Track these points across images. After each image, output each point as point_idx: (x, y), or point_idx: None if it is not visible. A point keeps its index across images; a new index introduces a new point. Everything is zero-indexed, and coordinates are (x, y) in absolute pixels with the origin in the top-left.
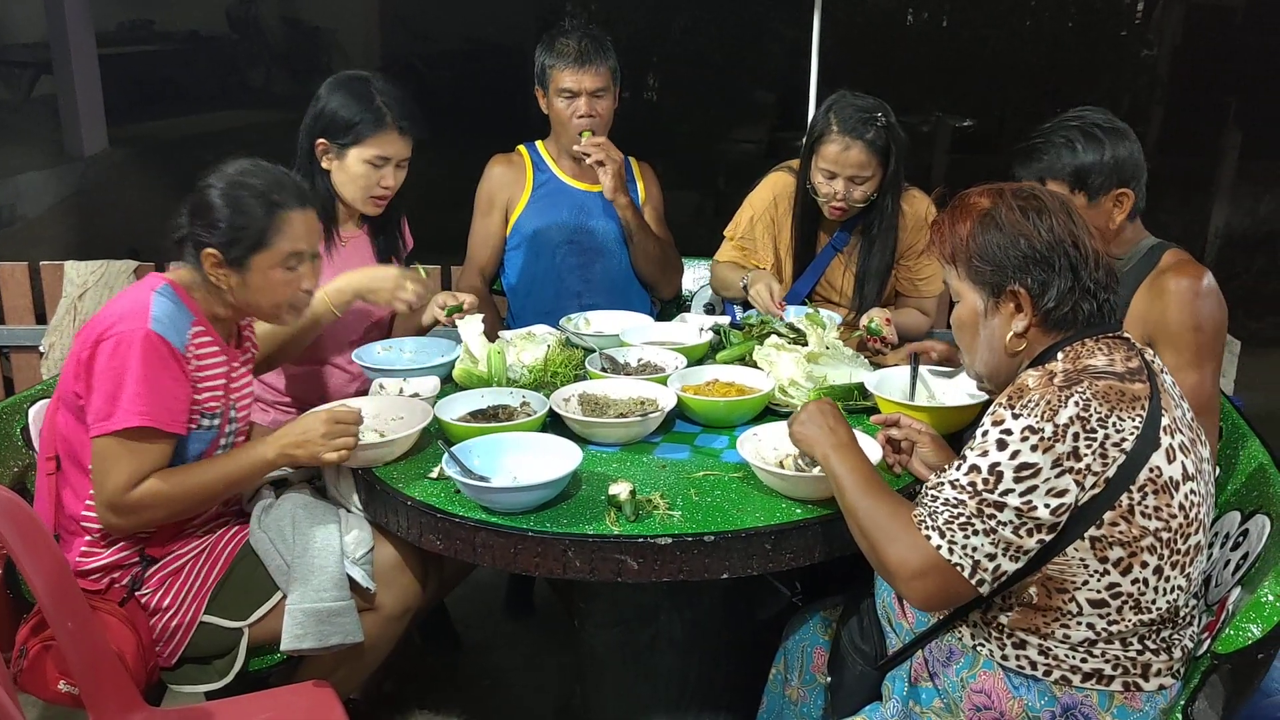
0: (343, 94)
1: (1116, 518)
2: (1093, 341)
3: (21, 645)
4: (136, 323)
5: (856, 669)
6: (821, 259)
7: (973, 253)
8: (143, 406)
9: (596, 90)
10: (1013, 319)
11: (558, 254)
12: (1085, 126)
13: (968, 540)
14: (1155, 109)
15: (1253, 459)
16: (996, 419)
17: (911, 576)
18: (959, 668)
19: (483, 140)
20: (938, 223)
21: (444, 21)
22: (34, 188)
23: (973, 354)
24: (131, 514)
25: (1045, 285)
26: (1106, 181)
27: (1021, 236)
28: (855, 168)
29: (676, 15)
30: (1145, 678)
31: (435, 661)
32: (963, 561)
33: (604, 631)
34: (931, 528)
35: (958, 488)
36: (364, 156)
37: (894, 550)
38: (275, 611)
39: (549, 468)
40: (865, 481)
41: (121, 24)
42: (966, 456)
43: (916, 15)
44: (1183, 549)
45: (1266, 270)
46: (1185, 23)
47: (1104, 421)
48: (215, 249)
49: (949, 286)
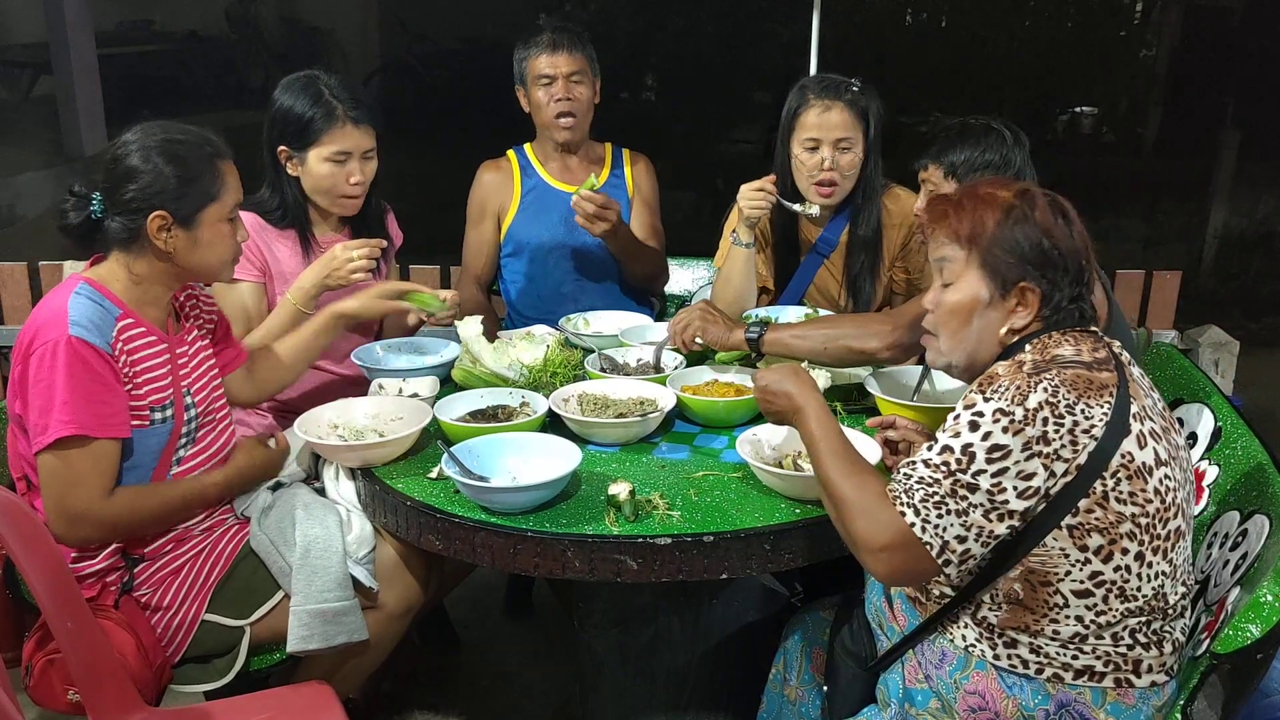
0: (291, 95)
1: (1092, 504)
2: (1060, 334)
3: (28, 661)
4: (56, 331)
5: (849, 672)
6: (808, 266)
7: (996, 241)
8: (69, 415)
9: (572, 74)
10: (1013, 314)
11: (550, 260)
12: (971, 124)
13: (940, 520)
14: (1154, 110)
15: (1252, 459)
16: (968, 403)
17: (879, 549)
18: (952, 669)
19: (482, 140)
20: (956, 203)
21: (442, 21)
22: (34, 188)
23: (955, 341)
24: (78, 526)
25: (1055, 289)
26: (976, 175)
27: (1050, 236)
28: (839, 129)
29: (675, 15)
30: (1137, 674)
31: (435, 661)
32: (932, 540)
33: (604, 632)
34: (907, 504)
35: (931, 466)
36: (324, 155)
37: (862, 523)
38: (277, 610)
39: (549, 468)
40: (839, 448)
41: (121, 24)
42: (939, 438)
43: (916, 15)
44: (1162, 534)
45: (1265, 270)
46: (1184, 23)
47: (1072, 408)
48: (163, 210)
49: (941, 268)
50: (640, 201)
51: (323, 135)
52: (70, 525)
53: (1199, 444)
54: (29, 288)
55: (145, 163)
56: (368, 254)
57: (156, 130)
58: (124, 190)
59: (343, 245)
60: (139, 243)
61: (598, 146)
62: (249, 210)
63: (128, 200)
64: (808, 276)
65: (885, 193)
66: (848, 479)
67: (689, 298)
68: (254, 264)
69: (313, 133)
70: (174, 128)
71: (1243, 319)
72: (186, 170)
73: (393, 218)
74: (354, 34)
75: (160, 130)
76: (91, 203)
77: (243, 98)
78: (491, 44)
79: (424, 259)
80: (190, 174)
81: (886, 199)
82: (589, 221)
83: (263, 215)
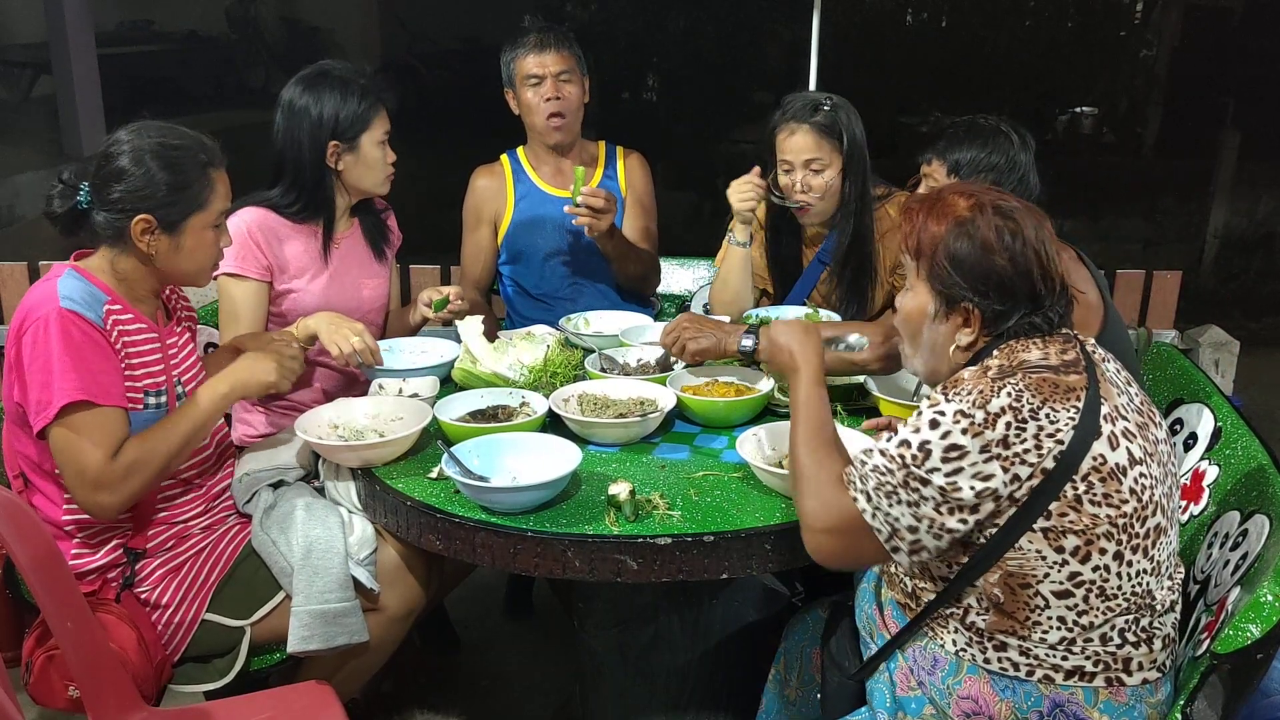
0: (329, 93)
1: (1064, 508)
2: (1027, 339)
3: (28, 658)
4: (47, 307)
5: (834, 681)
6: (810, 273)
7: (939, 256)
8: (71, 382)
9: (561, 73)
10: (959, 331)
11: (546, 266)
12: (981, 124)
13: (890, 509)
14: (1154, 109)
15: (1252, 459)
16: (933, 402)
17: (822, 530)
18: (944, 675)
19: (482, 140)
20: (911, 210)
21: (442, 21)
22: (34, 188)
23: (915, 349)
24: (114, 488)
25: (1000, 313)
26: (980, 177)
27: (990, 258)
28: (805, 151)
29: (675, 15)
30: (1128, 671)
31: (435, 661)
32: (881, 527)
33: (603, 632)
34: (860, 491)
35: (887, 456)
36: (375, 139)
37: (812, 503)
38: (278, 611)
39: (549, 468)
40: (815, 420)
41: (121, 24)
42: (899, 430)
43: (916, 15)
44: (1140, 532)
45: (1265, 270)
46: (1184, 23)
47: (1035, 413)
48: (148, 214)
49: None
50: (634, 200)
51: (373, 121)
52: (94, 492)
53: (1199, 444)
54: (29, 287)
55: (137, 165)
56: (366, 352)
57: (153, 132)
58: (111, 189)
59: (350, 326)
60: (123, 241)
61: (590, 145)
62: (259, 207)
63: (115, 199)
64: (810, 283)
65: (889, 200)
66: (812, 454)
67: (689, 297)
68: (259, 263)
69: (364, 122)
70: (171, 131)
71: (1243, 319)
72: (178, 177)
73: (392, 216)
74: (354, 34)
75: (157, 132)
76: (79, 192)
77: (243, 98)
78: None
79: (424, 259)
80: (181, 182)
81: (889, 206)
82: (594, 218)
83: (277, 211)
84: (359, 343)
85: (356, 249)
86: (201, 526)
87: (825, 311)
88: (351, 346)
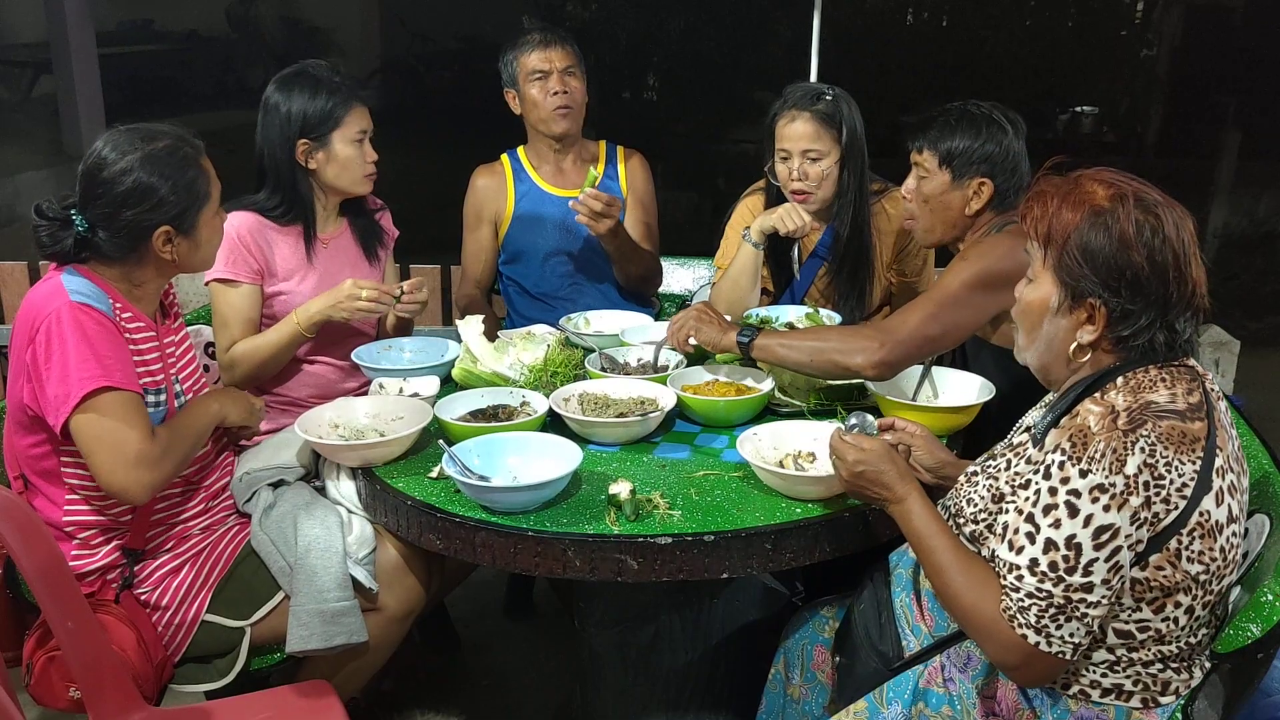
0: (298, 91)
1: (1163, 561)
2: (1156, 370)
3: (29, 659)
4: (57, 302)
5: (870, 665)
6: (808, 268)
7: (1071, 246)
8: (91, 371)
9: (567, 68)
10: (1081, 328)
11: (547, 266)
12: (974, 113)
13: (1061, 629)
14: (1154, 109)
15: (1252, 459)
16: (1063, 476)
17: (1013, 668)
18: (975, 675)
19: (482, 139)
20: (1043, 195)
21: (442, 21)
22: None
23: (1030, 341)
24: (156, 465)
25: (1129, 313)
26: (973, 169)
27: (1127, 253)
28: (804, 139)
29: (676, 15)
30: (1164, 693)
31: (435, 661)
32: (1064, 649)
33: (604, 631)
34: (1025, 626)
35: (1038, 574)
36: (347, 137)
37: (990, 646)
38: (278, 611)
39: (549, 467)
40: (949, 549)
41: (121, 24)
42: (1038, 524)
43: (916, 15)
44: (1215, 589)
45: (1265, 270)
46: (1185, 23)
47: (1170, 466)
48: (167, 225)
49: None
50: (634, 200)
51: (344, 118)
52: (136, 469)
53: None
54: (29, 287)
55: (137, 184)
56: (376, 298)
57: (136, 142)
58: (120, 215)
59: (354, 282)
60: (138, 254)
61: (591, 145)
62: (247, 211)
63: (126, 222)
64: (808, 279)
65: (885, 195)
66: (966, 593)
67: (689, 297)
68: (250, 266)
69: (335, 118)
70: (149, 134)
71: (1243, 319)
72: (180, 182)
73: (388, 215)
74: (354, 34)
75: (140, 141)
76: (74, 223)
77: (243, 98)
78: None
79: (424, 259)
80: (184, 184)
81: (886, 202)
82: (594, 219)
83: (263, 214)
84: (367, 295)
85: (347, 249)
86: (201, 527)
87: (825, 311)
88: (364, 304)
